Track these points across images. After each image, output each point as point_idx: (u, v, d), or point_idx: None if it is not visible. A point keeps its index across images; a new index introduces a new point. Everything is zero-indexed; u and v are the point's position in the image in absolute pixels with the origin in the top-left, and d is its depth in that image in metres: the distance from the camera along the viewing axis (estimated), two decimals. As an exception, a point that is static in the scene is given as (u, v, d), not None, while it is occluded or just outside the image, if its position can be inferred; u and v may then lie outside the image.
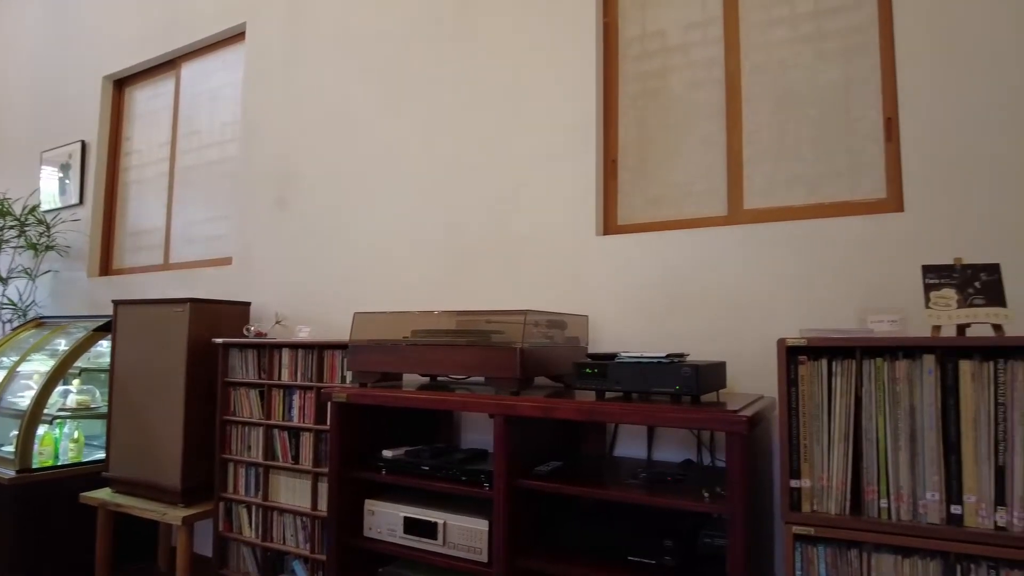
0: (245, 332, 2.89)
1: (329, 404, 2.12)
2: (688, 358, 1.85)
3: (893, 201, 1.98)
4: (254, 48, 3.51)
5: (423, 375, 2.13)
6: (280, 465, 2.61)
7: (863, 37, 2.08)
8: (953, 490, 1.37)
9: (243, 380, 2.76)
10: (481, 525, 1.90)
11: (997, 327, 1.43)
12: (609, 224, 2.43)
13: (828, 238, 1.98)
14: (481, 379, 2.29)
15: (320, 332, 3.01)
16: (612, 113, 2.46)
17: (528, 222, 2.49)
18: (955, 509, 1.37)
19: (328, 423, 2.43)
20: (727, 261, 2.12)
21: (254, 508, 2.69)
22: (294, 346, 2.64)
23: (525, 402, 1.76)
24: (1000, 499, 1.34)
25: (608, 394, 1.83)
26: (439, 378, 2.37)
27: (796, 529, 1.45)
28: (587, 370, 1.76)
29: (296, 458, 2.58)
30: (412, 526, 2.01)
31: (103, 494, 2.99)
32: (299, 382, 2.60)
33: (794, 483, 1.47)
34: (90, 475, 3.16)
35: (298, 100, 3.27)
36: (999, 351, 1.36)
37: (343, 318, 2.96)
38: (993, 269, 1.46)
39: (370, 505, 2.10)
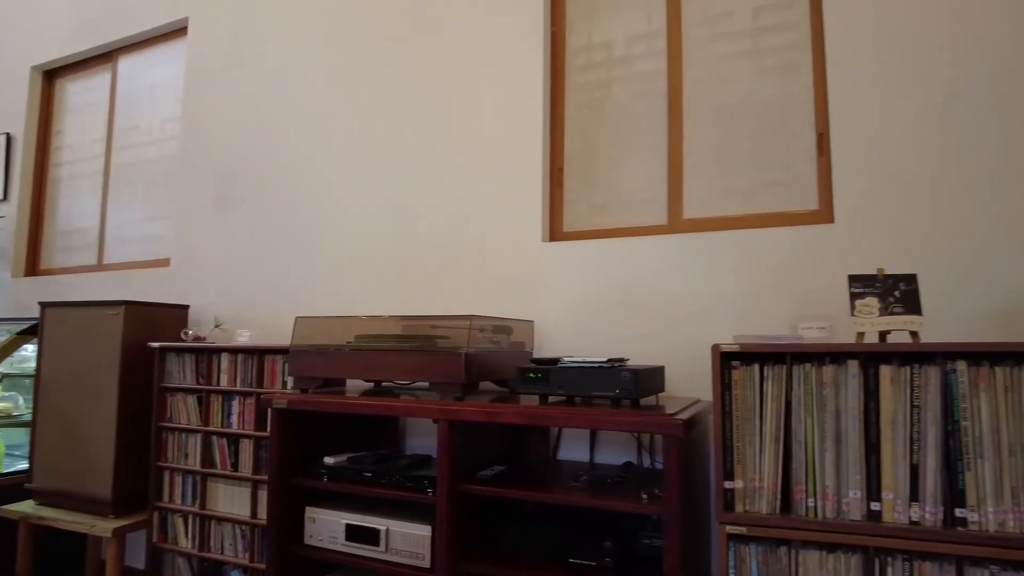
0: (183, 336, 2.81)
1: (269, 410, 2.08)
2: (628, 363, 1.89)
3: (824, 213, 2.08)
4: (197, 43, 3.41)
5: (367, 381, 2.11)
6: (218, 473, 2.54)
7: (798, 56, 2.18)
8: (873, 488, 1.45)
9: (180, 386, 2.68)
10: (424, 531, 1.89)
11: (914, 334, 1.52)
12: (555, 231, 2.46)
13: (763, 248, 2.06)
14: (426, 384, 2.29)
15: (261, 337, 2.95)
16: (559, 122, 2.50)
17: (477, 228, 2.51)
18: (875, 506, 1.44)
19: (268, 430, 2.38)
20: (667, 269, 2.18)
21: (191, 517, 2.61)
22: (234, 351, 2.58)
23: (469, 407, 1.76)
24: (914, 495, 1.42)
25: (551, 398, 1.85)
26: (383, 384, 2.35)
27: (730, 529, 1.50)
28: (530, 375, 1.78)
29: (235, 466, 2.52)
30: (354, 533, 1.99)
31: (25, 507, 2.85)
32: (239, 388, 2.53)
33: (728, 484, 1.52)
34: (11, 487, 3.00)
35: (243, 98, 3.20)
36: (915, 356, 1.45)
37: (286, 322, 2.91)
38: (911, 279, 1.55)
39: (311, 513, 2.07)
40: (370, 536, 1.96)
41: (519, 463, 2.08)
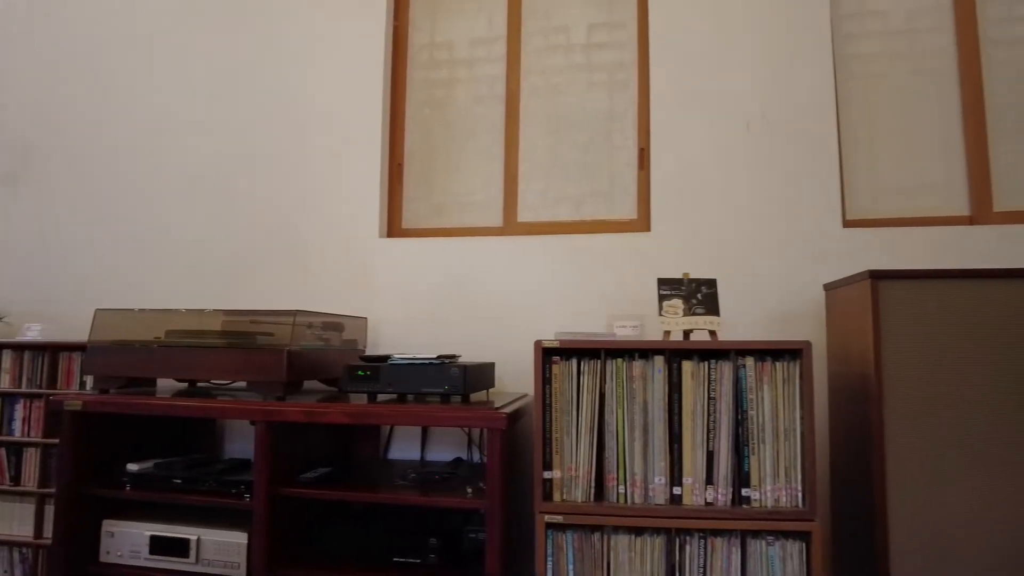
0: (-48, 331, 2.42)
1: (62, 413, 1.85)
2: (460, 359, 1.91)
3: (642, 222, 2.25)
4: (-18, -5, 2.95)
5: (180, 381, 1.95)
6: (-6, 488, 2.21)
7: (625, 74, 2.33)
8: (676, 473, 1.58)
9: (-54, 389, 2.30)
10: (240, 538, 1.78)
11: (712, 332, 1.68)
12: (393, 228, 2.43)
13: (588, 252, 2.18)
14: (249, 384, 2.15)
15: (56, 331, 2.61)
16: (399, 117, 2.47)
17: (310, 221, 2.40)
18: (676, 490, 1.58)
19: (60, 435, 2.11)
20: (501, 269, 2.23)
21: (-45, 542, 2.25)
22: (19, 347, 2.26)
23: (291, 407, 1.69)
24: (710, 479, 1.57)
25: (381, 396, 1.83)
26: (200, 384, 2.18)
27: (547, 518, 1.56)
28: (359, 373, 1.74)
29: (16, 478, 2.21)
30: (160, 545, 1.82)
31: None
32: (24, 389, 2.23)
33: (547, 474, 1.59)
34: None
35: (45, 63, 2.82)
36: (713, 353, 1.60)
37: (85, 316, 2.60)
38: (711, 284, 1.72)
39: (110, 526, 1.86)
40: (178, 547, 1.81)
41: (347, 464, 2.03)
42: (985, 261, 2.01)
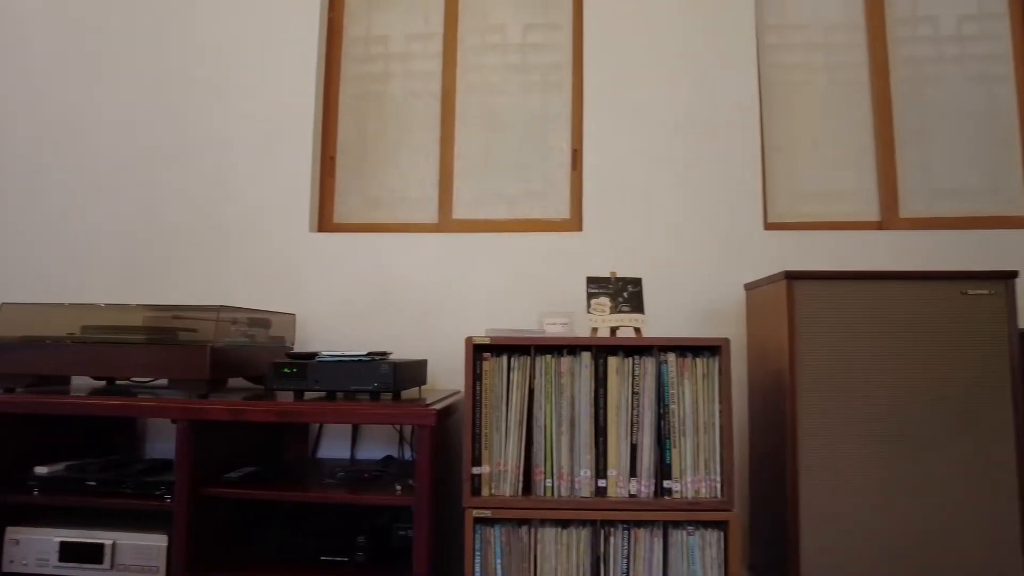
0: None
1: (-40, 415, 1.74)
2: (391, 357, 1.90)
3: (574, 222, 2.29)
4: None
5: (97, 378, 1.87)
6: None
7: (560, 76, 2.37)
8: (600, 466, 1.62)
9: None
10: (159, 541, 1.72)
11: (637, 330, 1.73)
12: (324, 222, 2.39)
13: (522, 250, 2.21)
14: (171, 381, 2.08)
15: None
16: (332, 109, 2.43)
17: (237, 213, 2.34)
18: (601, 483, 1.61)
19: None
20: (436, 266, 2.23)
21: None
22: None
23: (214, 405, 1.64)
24: (633, 471, 1.61)
25: (309, 394, 1.80)
26: (118, 382, 2.09)
27: (475, 513, 1.58)
28: (285, 370, 1.71)
29: (-89, 485, 2.06)
30: (71, 552, 1.74)
31: None
32: (-80, 389, 2.08)
33: (475, 470, 1.60)
34: None
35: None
36: (637, 349, 1.65)
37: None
38: (637, 283, 1.77)
39: (13, 533, 1.77)
40: (92, 553, 1.73)
41: (274, 463, 1.99)
42: (893, 263, 2.14)
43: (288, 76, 2.37)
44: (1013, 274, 1.64)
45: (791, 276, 1.65)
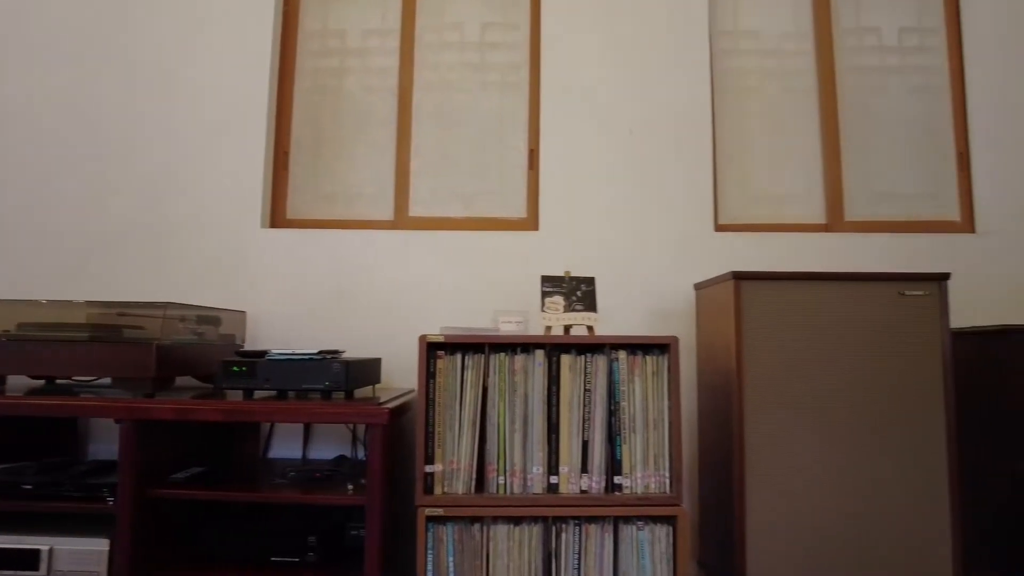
0: None
1: None
2: (343, 355, 1.88)
3: (531, 221, 2.30)
4: None
5: (35, 377, 1.80)
6: None
7: (518, 76, 2.38)
8: (553, 463, 1.64)
9: None
10: (101, 545, 1.66)
11: (590, 328, 1.75)
12: (277, 217, 2.35)
13: (479, 249, 2.21)
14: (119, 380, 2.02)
15: None
16: (287, 103, 2.39)
17: (187, 207, 2.28)
18: (553, 479, 1.63)
19: None
20: (391, 264, 2.22)
21: None
22: None
23: (160, 404, 1.60)
24: (584, 468, 1.64)
25: (260, 393, 1.77)
26: (59, 381, 2.02)
27: (428, 511, 1.58)
28: (235, 368, 1.67)
29: None
30: (5, 559, 1.67)
31: None
32: None
33: (428, 468, 1.60)
34: None
35: None
36: (589, 347, 1.67)
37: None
38: (590, 282, 1.79)
39: (-59, 539, 1.69)
40: (26, 560, 1.66)
41: (224, 463, 1.95)
42: (838, 264, 2.21)
43: (241, 68, 2.32)
44: (946, 276, 1.72)
45: (738, 276, 1.69)
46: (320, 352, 1.68)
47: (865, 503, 1.65)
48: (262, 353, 1.71)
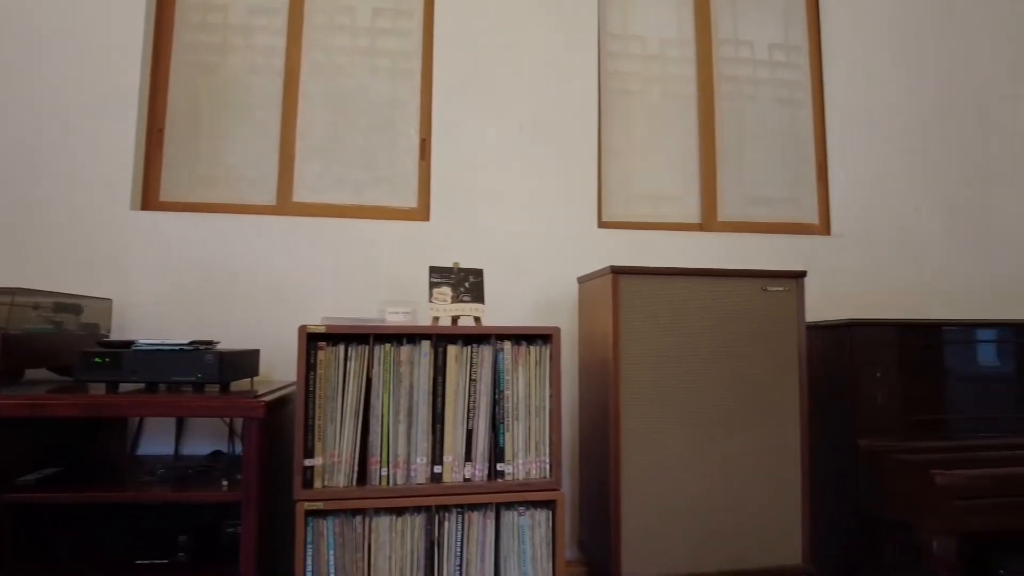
0: None
1: None
2: (219, 346, 1.80)
3: (422, 211, 2.29)
4: None
5: None
6: None
7: (410, 64, 2.35)
8: (437, 453, 1.65)
9: None
10: (-65, 556, 1.51)
11: (477, 319, 1.78)
12: (149, 199, 2.20)
13: (367, 237, 2.18)
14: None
15: None
16: (162, 79, 2.24)
17: (49, 187, 2.08)
18: (437, 469, 1.65)
19: None
20: (273, 251, 2.14)
21: None
22: None
23: (7, 400, 1.47)
24: (468, 456, 1.66)
25: (126, 386, 1.66)
26: None
27: (307, 505, 1.55)
28: (96, 359, 1.56)
29: None
30: None
31: None
32: None
33: (308, 462, 1.57)
34: None
35: None
36: (475, 338, 1.70)
37: None
38: (479, 273, 1.82)
39: None
40: None
41: (85, 462, 1.81)
42: (711, 262, 2.36)
43: (111, 37, 2.14)
44: (802, 274, 1.88)
45: (616, 271, 1.77)
46: (192, 343, 1.60)
47: (727, 481, 1.79)
48: (128, 343, 1.60)
